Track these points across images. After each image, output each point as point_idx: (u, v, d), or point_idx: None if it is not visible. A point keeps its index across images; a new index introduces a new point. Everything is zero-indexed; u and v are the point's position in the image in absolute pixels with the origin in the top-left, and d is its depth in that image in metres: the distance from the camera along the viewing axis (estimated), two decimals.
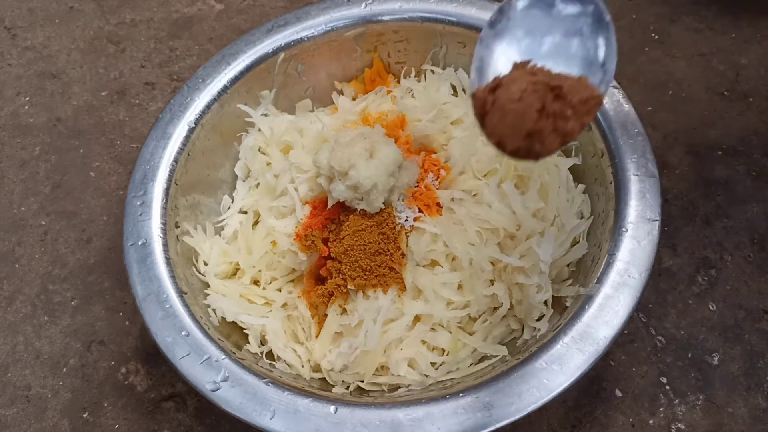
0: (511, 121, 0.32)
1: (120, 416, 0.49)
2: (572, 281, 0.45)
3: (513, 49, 0.37)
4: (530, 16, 0.37)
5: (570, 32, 0.37)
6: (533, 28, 0.37)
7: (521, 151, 0.33)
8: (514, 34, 0.37)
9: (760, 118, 0.59)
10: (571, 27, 0.37)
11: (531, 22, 0.37)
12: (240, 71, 0.53)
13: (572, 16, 0.37)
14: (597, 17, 0.36)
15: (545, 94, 0.32)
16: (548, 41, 0.37)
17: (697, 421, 0.46)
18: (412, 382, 0.43)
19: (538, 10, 0.37)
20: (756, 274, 0.51)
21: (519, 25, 0.37)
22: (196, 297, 0.45)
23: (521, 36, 0.37)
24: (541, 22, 0.37)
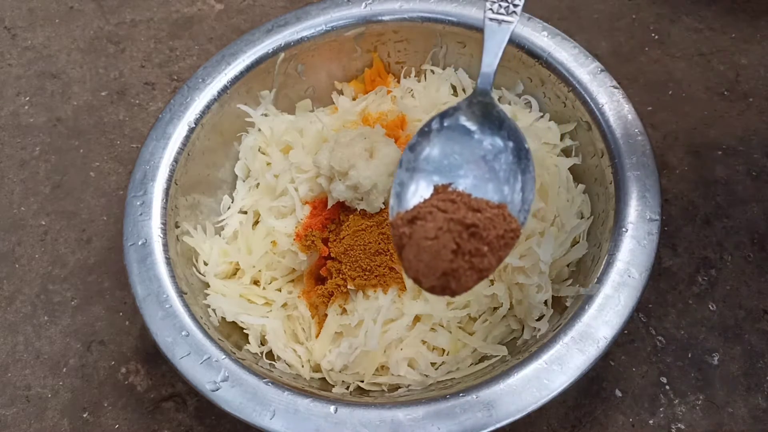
0: (426, 259, 0.32)
1: (120, 416, 0.49)
2: (572, 281, 0.45)
3: (433, 171, 0.37)
4: (451, 141, 0.38)
5: (490, 160, 0.37)
6: (454, 152, 0.38)
7: (437, 288, 0.32)
8: (434, 159, 0.38)
9: (760, 118, 0.59)
10: (491, 153, 0.38)
11: (452, 147, 0.38)
12: (240, 71, 0.53)
13: (492, 145, 0.38)
14: (517, 146, 0.37)
15: (461, 233, 0.32)
16: (469, 167, 0.37)
17: (697, 421, 0.46)
18: (412, 382, 0.43)
19: (459, 136, 0.38)
20: (756, 274, 0.51)
21: (440, 150, 0.38)
22: (196, 297, 0.45)
23: (441, 160, 0.38)
24: (462, 148, 0.38)
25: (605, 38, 0.65)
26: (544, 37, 0.51)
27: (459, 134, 0.38)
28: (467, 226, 0.32)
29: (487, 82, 0.40)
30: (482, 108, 0.39)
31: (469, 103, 0.39)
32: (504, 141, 0.38)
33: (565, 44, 0.51)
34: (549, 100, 0.52)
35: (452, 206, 0.33)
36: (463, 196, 0.34)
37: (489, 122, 0.39)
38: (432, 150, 0.38)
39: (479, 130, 0.38)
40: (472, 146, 0.38)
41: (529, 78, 0.53)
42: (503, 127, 0.38)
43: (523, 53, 0.52)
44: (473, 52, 0.55)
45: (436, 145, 0.38)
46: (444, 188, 0.35)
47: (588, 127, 0.48)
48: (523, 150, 0.37)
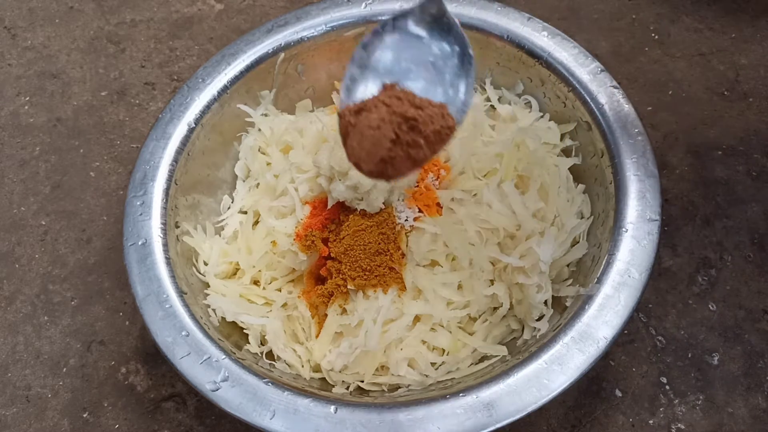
0: (367, 146, 0.35)
1: (120, 416, 0.49)
2: (572, 281, 0.45)
3: (383, 70, 0.39)
4: (402, 42, 0.40)
5: (436, 63, 0.40)
6: (403, 54, 0.40)
7: (374, 173, 0.35)
8: (385, 57, 0.40)
9: (759, 118, 0.59)
10: (438, 58, 0.40)
11: (402, 48, 0.40)
12: (240, 71, 0.53)
13: (439, 50, 0.40)
14: (462, 51, 0.39)
15: (401, 124, 0.34)
16: (417, 70, 0.39)
17: (697, 421, 0.46)
18: (412, 382, 0.43)
19: (409, 38, 0.40)
20: (756, 274, 0.51)
21: (391, 51, 0.40)
22: (196, 297, 0.45)
23: (391, 59, 0.40)
24: (411, 50, 0.40)
25: (605, 38, 0.65)
26: (544, 37, 0.51)
27: (410, 37, 0.40)
28: (407, 119, 0.35)
29: None
30: (433, 13, 0.40)
31: (422, 8, 0.40)
32: (450, 46, 0.40)
33: (565, 44, 0.51)
34: (549, 100, 0.52)
35: (396, 102, 0.35)
36: (408, 94, 0.36)
37: (438, 27, 0.40)
38: (383, 51, 0.40)
39: (428, 35, 0.40)
40: (420, 49, 0.40)
41: (529, 78, 0.53)
42: (451, 33, 0.40)
43: (523, 53, 0.52)
44: (473, 52, 0.55)
45: (387, 46, 0.40)
46: (392, 87, 0.37)
47: (588, 127, 0.48)
48: (467, 56, 0.39)
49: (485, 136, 0.50)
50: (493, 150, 0.48)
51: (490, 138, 0.50)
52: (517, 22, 0.52)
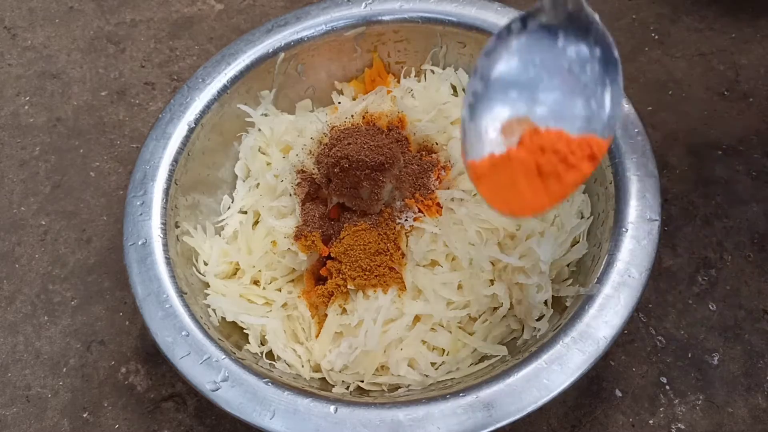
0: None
1: (120, 416, 0.49)
2: (572, 281, 0.45)
3: (510, 85, 0.34)
4: (531, 46, 0.34)
5: (575, 71, 0.34)
6: (534, 60, 0.34)
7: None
8: (512, 67, 0.34)
9: (760, 118, 0.59)
10: (577, 64, 0.34)
11: (531, 53, 0.34)
12: (240, 71, 0.53)
13: (577, 54, 0.34)
14: (605, 54, 0.33)
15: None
16: (549, 77, 0.34)
17: (697, 421, 0.46)
18: (412, 382, 0.43)
19: (540, 42, 0.34)
20: (756, 274, 0.51)
21: (517, 57, 0.34)
22: (196, 297, 0.45)
23: (519, 69, 0.34)
24: (543, 54, 0.34)
25: None
26: None
27: (540, 39, 0.34)
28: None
29: None
30: (568, 8, 0.34)
31: (553, 2, 0.34)
32: (591, 48, 0.34)
33: None
34: None
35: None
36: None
37: (575, 26, 0.34)
38: (510, 58, 0.34)
39: (563, 36, 0.34)
40: (554, 54, 0.34)
41: None
42: (591, 32, 0.34)
43: None
44: (473, 52, 0.55)
45: (514, 52, 0.34)
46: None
47: None
48: (612, 59, 0.33)
49: None
50: None
51: None
52: None
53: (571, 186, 0.32)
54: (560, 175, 0.31)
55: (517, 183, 0.32)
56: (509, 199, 0.32)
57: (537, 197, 0.32)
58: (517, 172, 0.32)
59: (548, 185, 0.32)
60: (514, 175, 0.32)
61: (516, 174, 0.32)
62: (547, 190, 0.32)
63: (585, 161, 0.32)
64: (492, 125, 0.34)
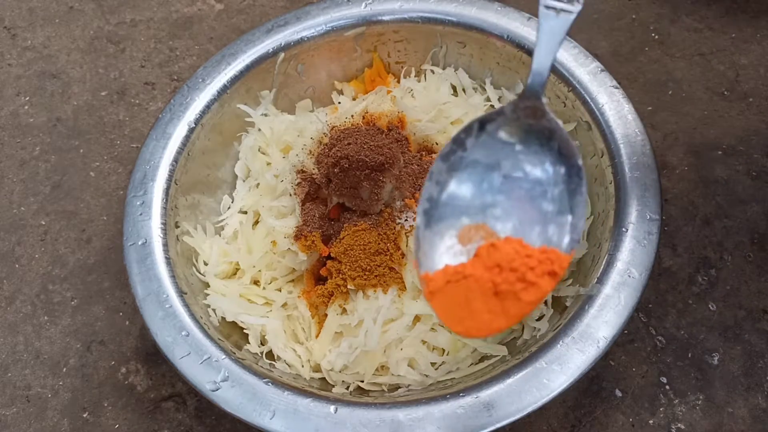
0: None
1: (120, 416, 0.49)
2: (572, 281, 0.45)
3: (467, 198, 0.32)
4: (490, 156, 0.32)
5: (536, 186, 0.32)
6: (493, 172, 0.32)
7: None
8: (469, 177, 0.33)
9: (759, 118, 0.59)
10: (538, 179, 0.32)
11: (490, 163, 0.32)
12: (240, 71, 0.53)
13: (540, 165, 0.33)
14: (569, 167, 0.32)
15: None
16: (509, 195, 0.32)
17: (697, 421, 0.46)
18: (412, 382, 0.43)
19: (499, 150, 0.33)
20: (756, 273, 0.51)
21: (475, 166, 0.32)
22: (196, 297, 0.45)
23: (478, 180, 0.32)
24: (503, 165, 0.33)
25: (605, 38, 0.65)
26: None
27: (500, 148, 0.33)
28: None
29: (539, 83, 0.33)
30: (530, 115, 0.33)
31: (514, 107, 0.33)
32: (553, 156, 0.33)
33: (565, 44, 0.50)
34: (549, 100, 0.52)
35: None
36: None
37: (537, 134, 0.33)
38: (466, 167, 0.33)
39: (524, 141, 0.33)
40: (515, 161, 0.33)
41: None
42: (553, 139, 0.33)
43: (523, 53, 0.52)
44: (473, 52, 0.55)
45: (470, 162, 0.33)
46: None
47: (588, 127, 0.48)
48: (574, 167, 0.32)
49: None
50: None
51: None
52: (517, 22, 0.52)
53: (529, 305, 0.30)
54: (518, 294, 0.30)
55: (472, 302, 0.30)
56: (464, 318, 0.30)
57: (494, 318, 0.30)
58: (472, 291, 0.30)
59: (505, 305, 0.30)
60: (470, 293, 0.30)
61: (471, 292, 0.30)
62: (504, 311, 0.30)
63: (545, 277, 0.30)
64: (448, 233, 0.32)
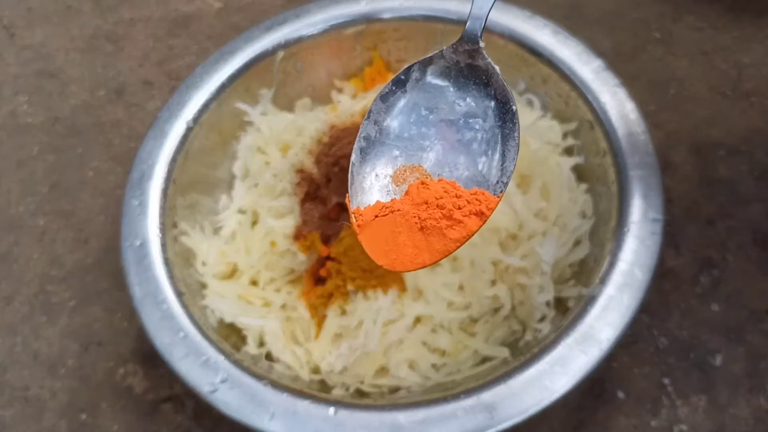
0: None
1: (118, 418, 0.49)
2: (575, 282, 0.45)
3: (402, 135, 0.33)
4: (427, 95, 0.34)
5: (470, 122, 0.33)
6: (429, 112, 0.33)
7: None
8: (406, 116, 0.33)
9: (762, 117, 0.58)
10: (473, 115, 0.33)
11: (427, 104, 0.33)
12: (239, 69, 0.53)
13: (474, 105, 0.33)
14: (503, 107, 0.33)
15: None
16: (444, 131, 0.33)
17: (699, 422, 0.45)
18: (412, 384, 0.43)
19: (437, 90, 0.34)
20: (759, 274, 0.51)
21: (412, 105, 0.33)
22: (194, 298, 0.45)
23: (413, 119, 0.33)
24: (439, 106, 0.34)
25: (607, 37, 0.65)
26: (546, 35, 0.51)
27: (438, 88, 0.34)
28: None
29: (478, 26, 0.33)
30: (468, 58, 0.34)
31: (454, 50, 0.34)
32: (488, 101, 0.33)
33: (568, 42, 0.50)
34: (551, 99, 0.52)
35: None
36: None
37: (474, 79, 0.34)
38: (404, 106, 0.33)
39: (462, 85, 0.34)
40: (452, 105, 0.33)
41: (531, 76, 0.52)
42: (490, 83, 0.33)
43: (524, 51, 0.51)
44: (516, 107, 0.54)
45: (408, 101, 0.33)
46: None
47: (590, 126, 0.48)
48: (509, 112, 0.32)
49: None
50: None
51: None
52: (519, 20, 0.52)
53: (454, 242, 0.30)
54: (443, 231, 0.30)
55: (397, 236, 0.31)
56: (389, 252, 0.31)
57: (418, 252, 0.30)
58: (398, 225, 0.31)
59: (430, 241, 0.30)
60: (396, 227, 0.31)
61: (397, 227, 0.31)
62: (428, 246, 0.30)
63: (472, 217, 0.30)
64: (382, 172, 0.33)
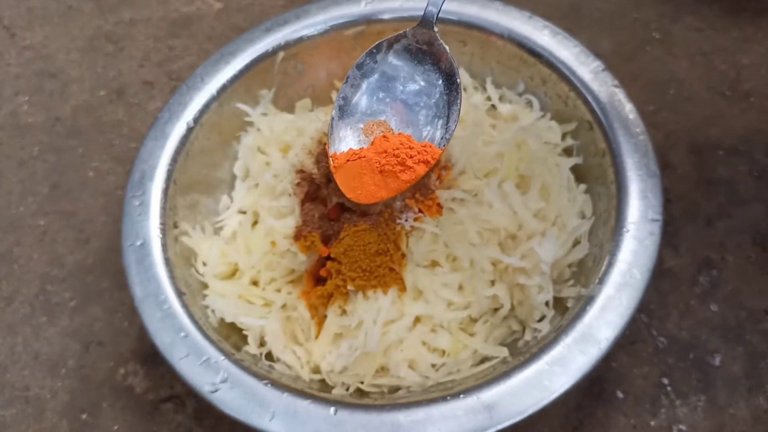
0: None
1: (119, 417, 0.49)
2: (574, 282, 0.45)
3: (373, 97, 0.42)
4: (391, 67, 0.43)
5: (426, 92, 0.42)
6: (393, 80, 0.43)
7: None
8: (375, 83, 0.43)
9: (761, 117, 0.59)
10: (425, 86, 0.42)
11: (392, 73, 0.43)
12: (239, 70, 0.53)
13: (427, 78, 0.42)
14: (450, 80, 0.42)
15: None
16: (401, 97, 0.42)
17: (698, 422, 0.45)
18: (412, 384, 0.43)
19: (399, 63, 0.43)
20: (758, 274, 0.51)
21: (380, 74, 0.43)
22: (194, 298, 0.45)
23: (381, 85, 0.43)
24: (401, 75, 0.43)
25: (607, 37, 0.65)
26: (545, 35, 0.51)
27: (402, 62, 0.43)
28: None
29: (433, 14, 0.42)
30: (425, 41, 0.42)
31: (414, 32, 0.42)
32: (439, 75, 0.42)
33: (567, 43, 0.50)
34: (550, 100, 0.52)
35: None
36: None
37: (430, 54, 0.42)
38: (374, 75, 0.43)
39: (420, 61, 0.43)
40: (412, 74, 0.43)
41: (530, 77, 0.52)
42: (442, 61, 0.42)
43: (524, 52, 0.51)
44: (474, 50, 0.54)
45: (377, 71, 0.43)
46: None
47: (589, 127, 0.48)
48: (455, 84, 0.41)
49: (486, 136, 0.50)
50: (493, 149, 0.48)
51: (491, 137, 0.50)
52: (518, 21, 0.52)
53: (405, 183, 0.39)
54: (397, 174, 0.39)
55: (363, 176, 0.40)
56: (356, 188, 0.40)
57: (377, 189, 0.40)
58: (364, 168, 0.40)
59: (387, 181, 0.40)
60: (362, 170, 0.40)
61: (363, 169, 0.40)
62: (385, 185, 0.40)
63: (420, 164, 0.40)
64: (355, 126, 0.42)
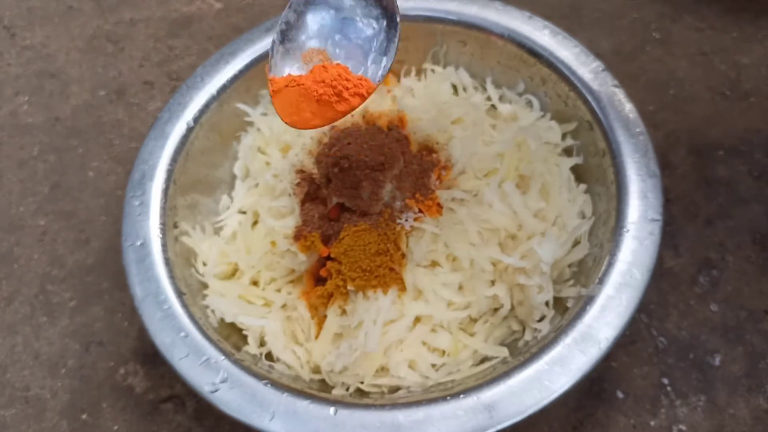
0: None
1: (119, 417, 0.49)
2: (574, 282, 0.45)
3: (314, 25, 0.42)
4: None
5: (367, 27, 0.42)
6: (337, 10, 0.42)
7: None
8: (319, 13, 0.42)
9: (761, 117, 0.59)
10: (370, 21, 0.42)
11: (337, 4, 0.42)
12: (239, 70, 0.53)
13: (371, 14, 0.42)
14: (391, 19, 0.42)
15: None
16: (347, 30, 0.42)
17: (698, 422, 0.45)
18: (412, 384, 0.43)
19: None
20: (758, 274, 0.51)
21: (326, 4, 0.42)
22: (194, 298, 0.45)
23: (325, 17, 0.42)
24: (346, 7, 0.42)
25: (607, 37, 0.65)
26: (545, 35, 0.51)
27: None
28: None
29: None
30: None
31: None
32: (380, 12, 0.42)
33: (567, 43, 0.50)
34: (550, 100, 0.52)
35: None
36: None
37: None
38: (319, 5, 0.42)
39: None
40: (353, 10, 0.42)
41: (530, 77, 0.53)
42: None
43: (524, 52, 0.51)
44: (474, 50, 0.54)
45: (321, 3, 0.42)
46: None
47: (589, 127, 0.48)
48: (394, 21, 0.42)
49: (486, 136, 0.50)
50: (494, 149, 0.48)
51: (491, 137, 0.50)
52: (518, 21, 0.52)
53: (339, 113, 0.39)
54: (333, 105, 0.39)
55: (300, 103, 0.40)
56: (292, 114, 0.40)
57: (313, 117, 0.40)
58: (301, 96, 0.40)
59: (322, 110, 0.40)
60: (299, 97, 0.40)
61: (301, 97, 0.40)
62: (321, 114, 0.40)
63: (356, 97, 0.40)
64: (296, 51, 0.42)
